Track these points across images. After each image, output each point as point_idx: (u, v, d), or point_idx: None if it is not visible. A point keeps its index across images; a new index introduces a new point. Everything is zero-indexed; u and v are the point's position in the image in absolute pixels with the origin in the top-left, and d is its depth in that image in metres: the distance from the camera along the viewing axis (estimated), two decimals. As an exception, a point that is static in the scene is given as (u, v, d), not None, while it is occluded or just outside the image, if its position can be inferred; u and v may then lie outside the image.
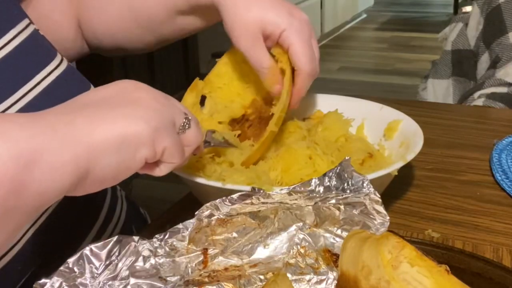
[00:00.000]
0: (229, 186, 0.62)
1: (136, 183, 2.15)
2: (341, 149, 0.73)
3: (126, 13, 0.79)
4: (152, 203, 1.50)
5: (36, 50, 0.67)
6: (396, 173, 0.66)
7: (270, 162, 0.70)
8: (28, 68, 0.64)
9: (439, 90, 1.59)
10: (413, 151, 0.69)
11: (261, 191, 0.53)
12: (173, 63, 3.40)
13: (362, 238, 0.48)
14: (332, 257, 0.54)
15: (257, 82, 0.76)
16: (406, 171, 0.82)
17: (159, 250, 0.51)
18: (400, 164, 0.67)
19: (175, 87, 3.42)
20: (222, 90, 0.78)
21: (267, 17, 0.70)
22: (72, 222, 0.69)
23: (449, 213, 0.73)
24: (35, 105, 0.62)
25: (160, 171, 0.54)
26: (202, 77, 0.78)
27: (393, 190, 0.73)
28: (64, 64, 0.69)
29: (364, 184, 0.53)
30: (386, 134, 0.80)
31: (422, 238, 0.65)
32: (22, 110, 0.61)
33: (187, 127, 0.55)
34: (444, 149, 0.90)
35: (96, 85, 0.75)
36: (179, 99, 0.65)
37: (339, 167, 0.54)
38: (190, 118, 0.56)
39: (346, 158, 0.55)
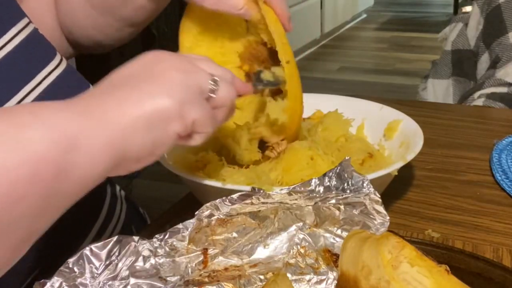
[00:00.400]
0: (229, 186, 0.62)
1: (136, 183, 2.15)
2: (341, 149, 0.73)
3: (84, 3, 0.77)
4: (152, 203, 1.50)
5: (37, 49, 0.67)
6: (396, 173, 0.66)
7: (272, 163, 0.70)
8: (30, 67, 0.64)
9: (439, 90, 1.59)
10: (413, 151, 0.69)
11: (261, 191, 0.53)
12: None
13: (362, 238, 0.48)
14: (332, 257, 0.54)
15: (226, 47, 0.74)
16: (406, 171, 0.82)
17: (159, 250, 0.51)
18: (400, 164, 0.67)
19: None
20: None
21: None
22: (72, 222, 0.69)
23: (449, 213, 0.73)
24: None
25: (195, 141, 0.55)
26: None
27: (393, 190, 0.73)
28: (64, 64, 0.69)
29: (364, 184, 0.53)
30: (386, 134, 0.80)
31: (422, 238, 0.65)
32: None
33: (216, 89, 0.54)
34: (444, 149, 0.90)
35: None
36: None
37: (339, 167, 0.54)
38: (217, 79, 0.55)
39: (346, 158, 0.55)
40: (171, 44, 0.85)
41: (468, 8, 1.62)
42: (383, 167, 0.68)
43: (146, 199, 1.63)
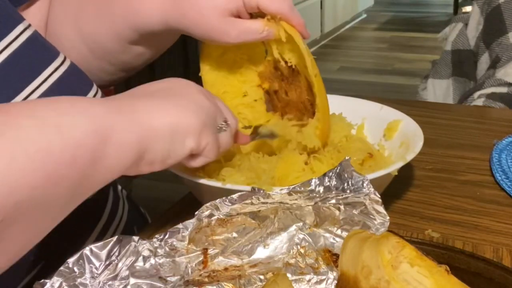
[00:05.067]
0: (229, 186, 0.62)
1: (136, 183, 2.15)
2: (341, 150, 0.73)
3: (76, 38, 0.74)
4: (152, 203, 1.50)
5: (41, 47, 0.66)
6: (396, 173, 0.66)
7: (267, 173, 0.69)
8: (35, 64, 0.64)
9: (439, 90, 1.59)
10: (413, 151, 0.69)
11: (261, 191, 0.53)
12: (173, 63, 3.40)
13: (362, 238, 0.48)
14: (332, 257, 0.54)
15: (245, 67, 0.76)
16: (406, 171, 0.82)
17: (159, 250, 0.51)
18: (400, 164, 0.67)
19: (175, 87, 3.41)
20: (227, 94, 0.77)
21: (223, 1, 0.67)
22: (75, 222, 0.69)
23: (449, 213, 0.73)
24: None
25: (196, 163, 0.59)
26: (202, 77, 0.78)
27: (393, 190, 0.73)
28: (68, 62, 0.69)
29: (364, 184, 0.53)
30: (386, 134, 0.80)
31: (422, 238, 0.65)
32: None
33: (223, 129, 0.59)
34: (444, 149, 0.90)
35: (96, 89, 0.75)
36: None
37: (339, 167, 0.54)
38: (229, 123, 0.60)
39: (346, 158, 0.55)
40: (174, 52, 0.84)
41: (468, 8, 1.62)
42: (383, 167, 0.68)
43: (146, 199, 1.63)
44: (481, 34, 1.48)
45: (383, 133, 0.80)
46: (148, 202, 1.25)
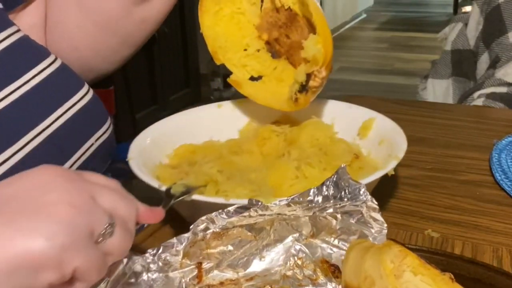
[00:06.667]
0: (233, 201, 0.57)
1: (136, 184, 2.14)
2: (328, 153, 0.72)
3: (80, 15, 0.75)
4: (152, 203, 1.49)
5: (26, 51, 0.67)
6: (393, 173, 0.66)
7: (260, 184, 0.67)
8: (17, 67, 0.64)
9: (439, 90, 1.59)
10: (400, 148, 0.68)
11: (259, 203, 0.52)
12: (173, 63, 3.40)
13: (364, 248, 0.47)
14: (330, 268, 0.53)
15: (243, 21, 0.78)
16: (406, 171, 0.82)
17: (152, 265, 0.49)
18: (394, 163, 0.66)
19: (175, 87, 3.42)
20: (229, 48, 0.79)
21: None
22: None
23: (448, 213, 0.72)
24: (24, 101, 0.63)
25: None
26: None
27: (393, 190, 0.73)
28: (58, 63, 0.69)
29: (361, 192, 0.52)
30: (360, 133, 0.78)
31: (420, 245, 0.64)
32: (10, 106, 0.61)
33: (108, 236, 0.46)
34: (444, 149, 0.90)
35: (96, 86, 0.75)
36: (179, 99, 0.64)
37: (335, 176, 0.53)
38: (114, 222, 0.46)
39: (342, 166, 0.54)
40: (171, 44, 0.85)
41: (468, 8, 1.62)
42: (371, 168, 0.67)
43: (145, 199, 1.62)
44: (481, 34, 1.48)
45: (357, 132, 0.79)
46: (148, 202, 1.25)
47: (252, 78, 0.79)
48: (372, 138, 0.76)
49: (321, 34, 0.71)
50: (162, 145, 0.77)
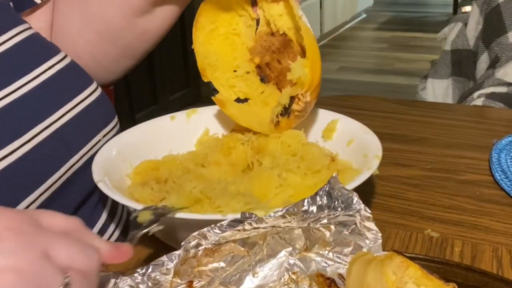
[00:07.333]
0: (230, 216, 0.54)
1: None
2: (304, 158, 0.71)
3: (82, 23, 0.76)
4: (152, 203, 1.49)
5: (37, 47, 0.68)
6: (378, 172, 0.65)
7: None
8: (27, 62, 0.65)
9: (439, 90, 1.59)
10: (375, 146, 0.68)
11: (253, 216, 0.50)
12: (173, 63, 3.40)
13: (366, 260, 0.46)
14: (326, 281, 0.51)
15: (236, 42, 0.78)
16: (406, 171, 0.82)
17: (141, 286, 0.48)
18: (376, 162, 0.65)
19: (175, 87, 3.42)
20: (219, 67, 0.78)
21: None
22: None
23: (448, 212, 0.73)
24: (33, 96, 0.64)
25: None
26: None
27: (393, 190, 0.73)
28: (67, 60, 0.71)
29: (354, 201, 0.52)
30: (324, 135, 0.77)
31: (416, 253, 0.62)
32: (19, 99, 0.62)
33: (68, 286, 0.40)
34: (444, 149, 0.90)
35: (96, 86, 0.76)
36: (180, 99, 0.64)
37: (328, 185, 0.52)
38: (70, 280, 0.41)
39: (334, 175, 0.53)
40: (171, 44, 0.85)
41: (467, 8, 1.62)
42: (350, 169, 0.66)
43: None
44: (481, 34, 1.49)
45: (322, 134, 0.78)
46: (148, 202, 1.25)
47: (238, 100, 0.78)
48: (338, 140, 0.75)
49: (309, 59, 0.70)
50: (120, 164, 0.70)
